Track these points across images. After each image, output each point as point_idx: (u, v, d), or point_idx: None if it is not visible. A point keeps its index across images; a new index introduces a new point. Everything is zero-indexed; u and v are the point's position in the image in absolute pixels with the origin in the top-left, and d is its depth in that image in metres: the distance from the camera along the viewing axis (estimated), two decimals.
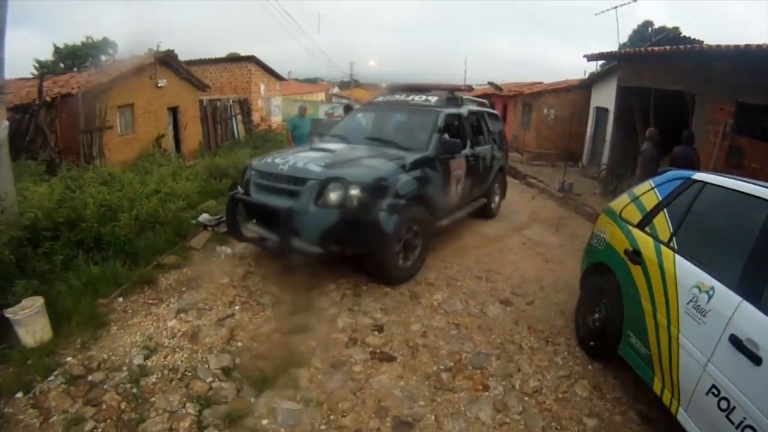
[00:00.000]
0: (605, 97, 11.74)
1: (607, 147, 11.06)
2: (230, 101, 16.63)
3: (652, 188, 3.27)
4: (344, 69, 41.79)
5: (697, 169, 6.36)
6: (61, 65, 21.44)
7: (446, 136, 5.07)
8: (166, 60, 12.04)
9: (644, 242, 2.96)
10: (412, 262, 4.46)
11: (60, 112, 8.97)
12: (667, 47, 7.86)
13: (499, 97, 19.89)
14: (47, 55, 22.82)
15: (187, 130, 13.78)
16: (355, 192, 3.86)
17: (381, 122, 5.93)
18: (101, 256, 4.39)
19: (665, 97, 8.43)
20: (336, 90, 44.33)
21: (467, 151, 5.60)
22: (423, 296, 4.20)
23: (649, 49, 8.48)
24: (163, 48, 11.82)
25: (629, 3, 12.05)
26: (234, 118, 16.72)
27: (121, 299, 3.93)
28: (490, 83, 19.88)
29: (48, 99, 8.72)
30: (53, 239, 4.26)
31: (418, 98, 5.82)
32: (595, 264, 3.58)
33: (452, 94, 6.02)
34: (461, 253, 5.42)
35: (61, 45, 22.88)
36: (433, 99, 5.71)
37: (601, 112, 12.33)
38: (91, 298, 3.74)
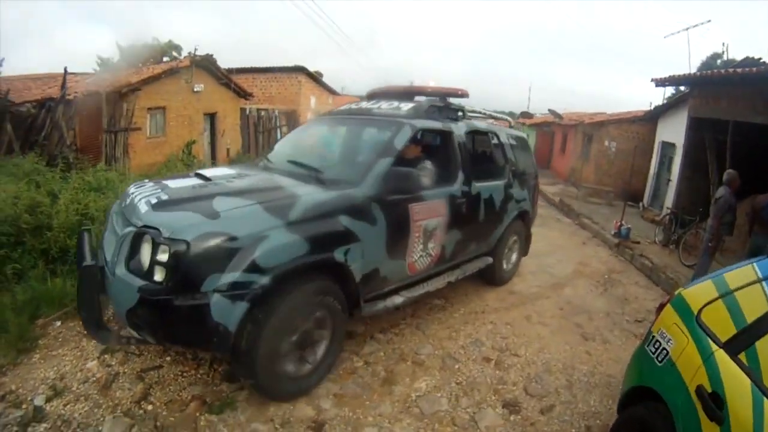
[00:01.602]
0: (673, 131, 10.31)
1: (672, 188, 9.63)
2: (276, 112, 16.28)
3: (759, 281, 1.98)
4: None
5: None
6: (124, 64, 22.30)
7: (426, 164, 3.46)
8: (205, 65, 11.79)
9: (735, 382, 1.69)
10: (311, 367, 2.86)
11: (81, 109, 8.77)
12: (753, 68, 6.32)
13: (559, 125, 18.77)
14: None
15: (226, 138, 13.50)
16: (163, 257, 2.28)
17: (319, 140, 4.32)
18: (66, 269, 4.01)
19: (745, 131, 6.93)
20: None
21: (456, 187, 3.90)
22: (401, 381, 3.13)
23: (730, 70, 7.04)
24: (202, 53, 11.56)
25: (703, 24, 10.57)
26: (279, 130, 16.38)
27: (59, 323, 3.49)
28: (550, 110, 18.68)
29: (68, 96, 8.52)
30: (16, 245, 3.98)
31: (387, 105, 4.06)
32: (644, 387, 2.26)
33: (444, 102, 4.21)
34: (476, 317, 4.26)
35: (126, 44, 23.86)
36: (406, 107, 3.91)
37: (667, 147, 10.88)
38: (28, 317, 3.36)
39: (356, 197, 2.98)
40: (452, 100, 4.35)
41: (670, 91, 14.84)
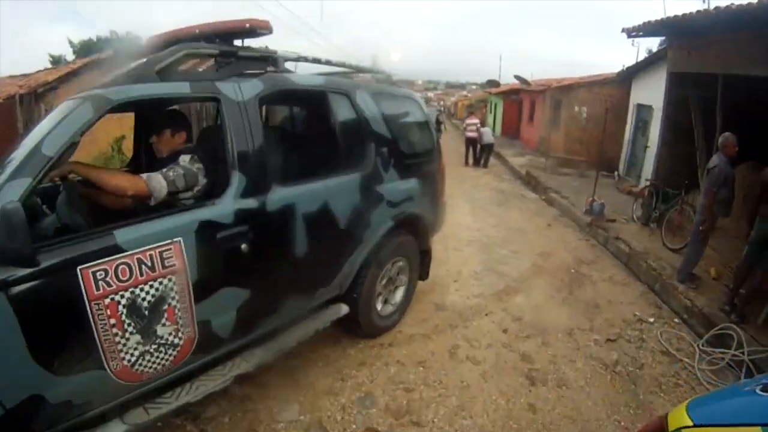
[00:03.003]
0: (649, 92, 9.26)
1: (650, 155, 8.54)
2: None
3: None
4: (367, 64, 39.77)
5: None
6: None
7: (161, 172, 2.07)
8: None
9: None
10: None
11: None
12: (751, 1, 4.83)
13: (527, 93, 17.59)
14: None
15: None
16: None
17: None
18: None
19: (739, 87, 5.72)
20: None
21: (223, 206, 2.11)
22: None
23: (721, 7, 5.60)
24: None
25: None
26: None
27: None
28: (516, 77, 17.28)
29: None
30: None
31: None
32: None
33: (224, 48, 2.32)
34: (379, 353, 3.08)
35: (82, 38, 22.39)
36: (134, 65, 2.23)
37: (644, 110, 9.84)
38: None
39: None
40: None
41: (643, 55, 13.88)
